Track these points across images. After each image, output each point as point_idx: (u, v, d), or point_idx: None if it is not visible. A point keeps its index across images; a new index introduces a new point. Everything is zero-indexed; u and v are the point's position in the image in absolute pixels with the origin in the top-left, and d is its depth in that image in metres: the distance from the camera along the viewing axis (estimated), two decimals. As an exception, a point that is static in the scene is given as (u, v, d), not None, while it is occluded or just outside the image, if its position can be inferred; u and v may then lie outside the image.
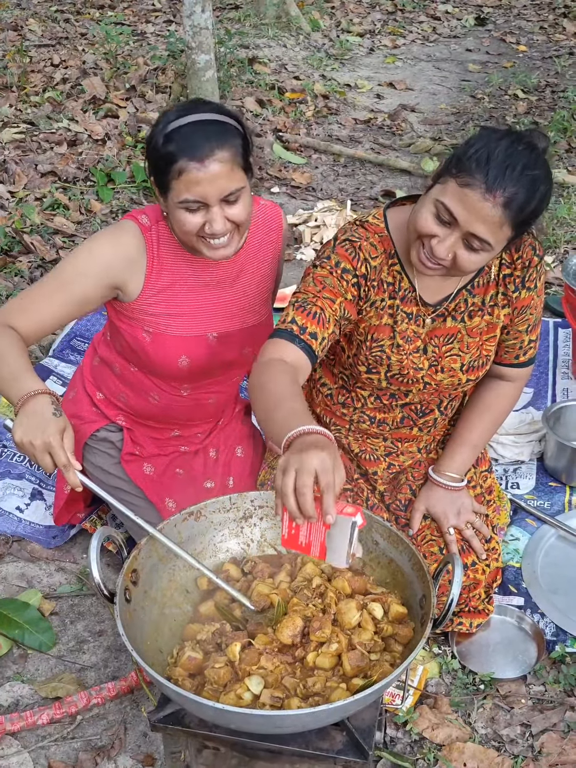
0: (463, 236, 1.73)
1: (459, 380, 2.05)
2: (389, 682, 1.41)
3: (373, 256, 1.92)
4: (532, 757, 1.91)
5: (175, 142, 1.78)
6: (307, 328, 1.81)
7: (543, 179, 1.72)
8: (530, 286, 1.99)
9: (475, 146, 1.69)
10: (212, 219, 1.82)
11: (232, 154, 1.79)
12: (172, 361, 2.04)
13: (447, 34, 7.71)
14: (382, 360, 2.00)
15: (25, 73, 5.65)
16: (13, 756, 1.92)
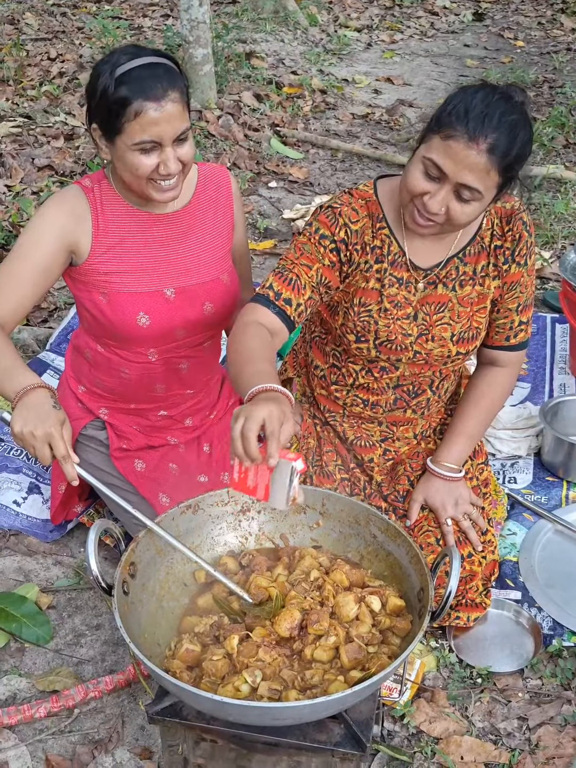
0: (453, 188, 1.78)
1: (449, 351, 2.05)
2: (387, 675, 1.42)
3: (354, 221, 1.97)
4: (528, 750, 1.91)
5: (128, 84, 1.81)
6: (282, 294, 1.91)
7: (522, 124, 1.77)
8: (520, 262, 2.02)
9: (452, 102, 1.77)
10: (167, 159, 1.86)
11: (181, 94, 1.86)
12: (131, 319, 2.03)
13: (445, 29, 7.70)
14: (370, 326, 2.02)
15: (21, 66, 5.64)
16: (11, 749, 1.91)
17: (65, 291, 3.64)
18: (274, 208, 4.48)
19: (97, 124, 1.90)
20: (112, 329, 2.07)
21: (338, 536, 1.82)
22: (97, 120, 1.89)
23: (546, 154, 5.09)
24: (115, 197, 2.03)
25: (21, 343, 3.23)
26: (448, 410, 2.28)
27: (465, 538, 2.11)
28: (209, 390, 2.33)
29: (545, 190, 4.60)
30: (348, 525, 1.80)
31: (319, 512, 1.84)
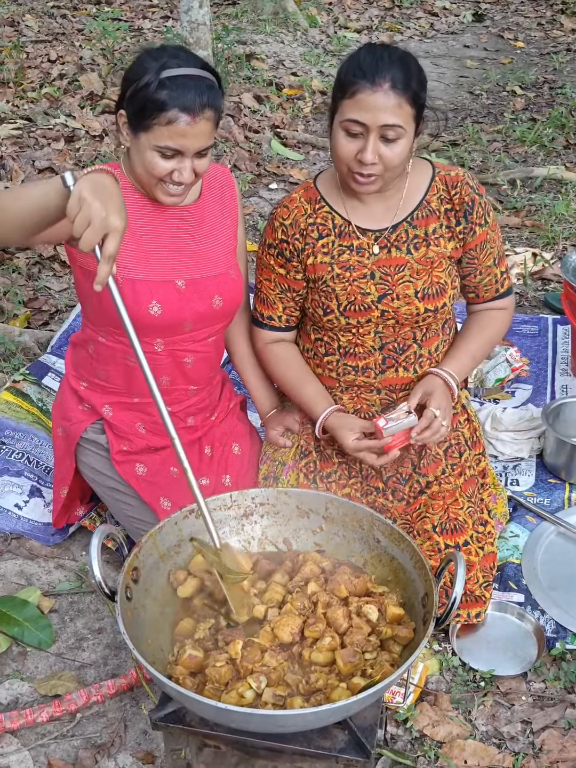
0: (378, 134, 1.92)
1: (417, 309, 2.12)
2: (391, 682, 1.41)
3: (285, 217, 2.15)
4: (532, 754, 1.91)
5: (170, 90, 1.85)
6: (264, 312, 2.25)
7: (407, 56, 1.98)
8: (481, 222, 2.13)
9: (344, 67, 1.96)
10: (184, 168, 1.92)
11: (215, 115, 1.92)
12: (143, 306, 2.03)
13: (444, 30, 7.70)
14: (329, 294, 2.13)
15: (21, 69, 5.63)
16: (13, 754, 1.91)
17: (66, 294, 3.64)
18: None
19: (126, 113, 1.92)
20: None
21: (341, 540, 1.82)
22: (127, 109, 1.91)
23: (546, 155, 5.09)
24: (128, 187, 2.04)
25: (22, 346, 3.23)
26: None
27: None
28: (211, 389, 2.33)
29: (546, 191, 4.60)
30: (351, 529, 1.80)
31: (322, 516, 1.83)
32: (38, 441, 2.72)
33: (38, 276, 3.77)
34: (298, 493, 1.86)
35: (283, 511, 1.85)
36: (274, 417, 2.36)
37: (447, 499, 2.16)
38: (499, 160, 5.00)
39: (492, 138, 5.35)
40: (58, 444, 2.31)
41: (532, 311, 3.59)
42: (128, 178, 2.05)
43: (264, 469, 2.31)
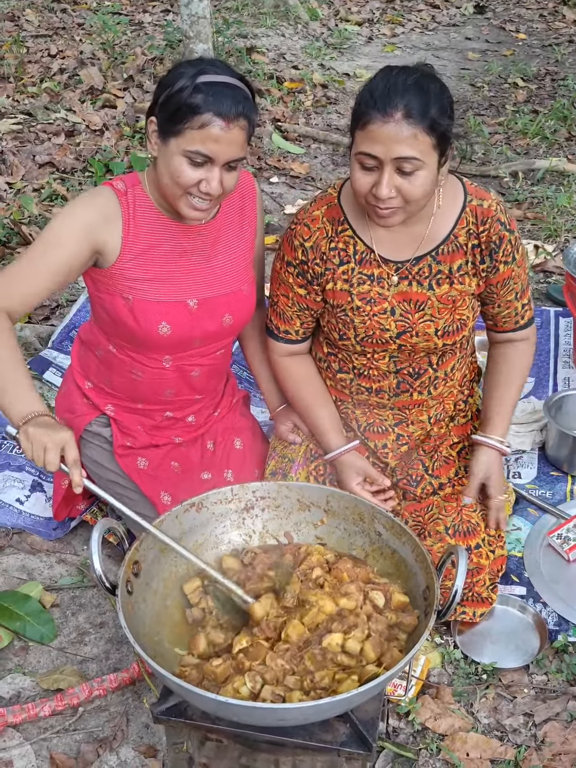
0: (393, 167, 1.79)
1: (435, 344, 2.07)
2: (393, 674, 1.41)
3: (306, 237, 2.04)
4: (534, 746, 1.90)
5: (205, 94, 1.80)
6: (280, 327, 2.17)
7: (428, 80, 1.80)
8: (507, 260, 2.02)
9: (358, 98, 1.82)
10: (212, 178, 1.85)
11: (249, 126, 1.87)
12: (152, 327, 2.02)
13: (446, 22, 7.67)
14: (347, 323, 2.07)
15: (22, 63, 5.62)
16: (15, 748, 1.91)
17: (67, 289, 3.63)
18: (275, 204, 4.47)
19: (157, 119, 1.88)
20: (132, 334, 2.05)
21: (343, 534, 1.81)
22: (159, 115, 1.87)
23: (548, 147, 5.07)
24: (148, 203, 1.99)
25: (23, 341, 3.23)
26: (462, 392, 2.27)
27: (481, 524, 2.12)
28: (216, 393, 2.33)
29: (548, 184, 4.59)
30: (352, 522, 1.80)
31: (323, 510, 1.83)
32: (40, 436, 2.72)
33: (39, 271, 3.76)
34: (299, 486, 1.86)
35: (284, 505, 1.84)
36: (283, 412, 2.35)
37: (460, 502, 2.15)
38: (501, 153, 4.99)
39: (494, 130, 5.33)
40: (61, 435, 2.31)
41: (535, 303, 3.55)
42: (148, 195, 1.99)
43: (272, 465, 2.29)
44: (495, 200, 2.00)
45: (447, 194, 1.99)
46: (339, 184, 2.08)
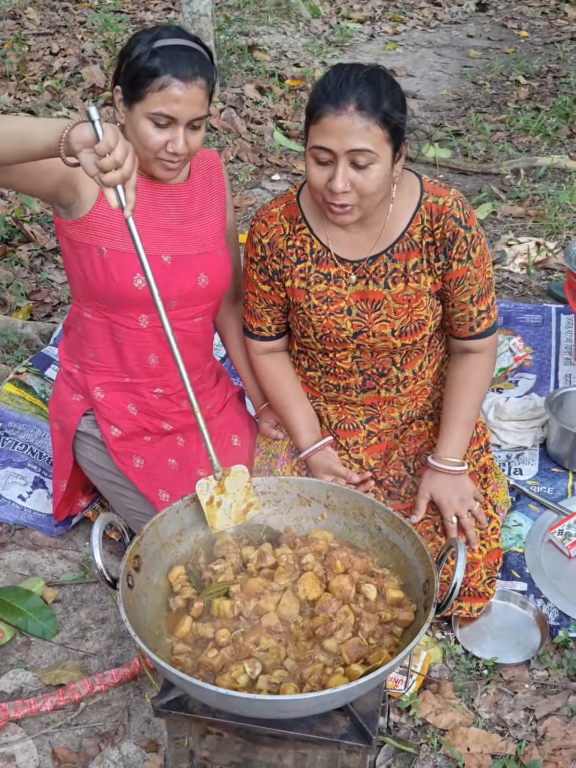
0: (347, 160, 1.80)
1: (393, 344, 2.07)
2: (392, 667, 1.41)
3: (263, 234, 2.07)
4: (535, 741, 1.91)
5: (162, 58, 1.87)
6: (253, 324, 2.21)
7: (378, 75, 1.82)
8: (461, 258, 1.99)
9: (312, 93, 1.85)
10: (177, 138, 1.92)
11: (208, 84, 1.94)
12: (128, 279, 2.04)
13: (448, 20, 7.66)
14: (306, 321, 2.09)
15: (23, 61, 5.63)
16: (17, 743, 1.92)
17: (68, 286, 3.63)
18: (277, 201, 4.47)
19: (121, 87, 1.95)
20: (106, 289, 2.06)
21: (343, 528, 1.81)
22: (122, 83, 1.94)
23: (550, 144, 5.07)
24: None
25: (25, 338, 3.24)
26: (438, 389, 2.26)
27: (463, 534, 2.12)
28: (203, 374, 2.32)
29: (549, 181, 4.59)
30: (353, 517, 1.80)
31: (323, 504, 1.83)
32: (41, 432, 2.73)
33: (40, 268, 3.77)
34: (299, 481, 1.86)
35: (285, 500, 1.85)
36: (267, 409, 2.37)
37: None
38: (503, 150, 4.98)
39: (496, 128, 5.33)
40: (56, 438, 2.32)
41: (536, 301, 3.57)
42: None
43: (257, 461, 2.30)
44: (453, 197, 1.97)
45: (403, 191, 1.98)
46: (300, 183, 2.10)
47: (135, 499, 2.20)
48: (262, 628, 1.57)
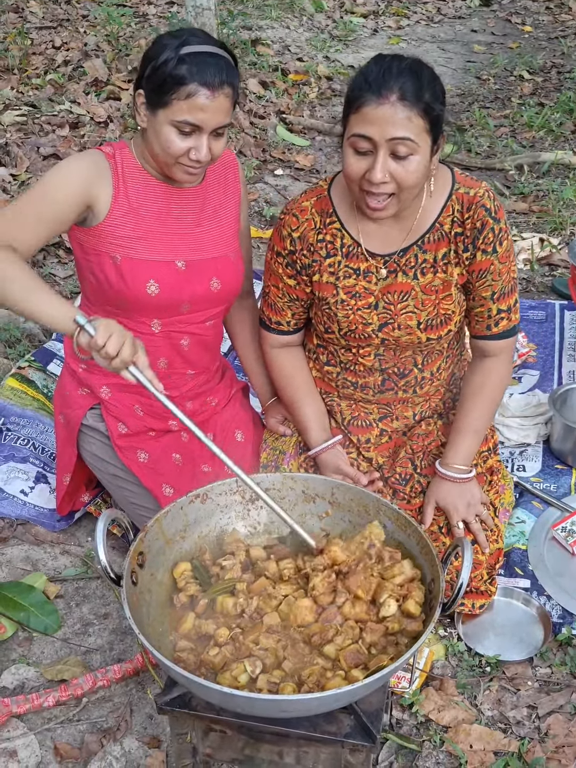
0: (387, 151, 1.78)
1: (418, 338, 2.05)
2: (397, 667, 1.41)
3: (294, 228, 2.04)
4: (538, 739, 1.91)
5: (189, 65, 1.86)
6: (272, 317, 2.19)
7: (420, 65, 1.82)
8: (486, 249, 1.97)
9: (352, 82, 1.83)
10: (200, 146, 1.92)
11: (234, 93, 1.93)
12: (141, 286, 2.04)
13: (452, 14, 7.63)
14: (331, 317, 2.07)
15: (26, 55, 5.60)
16: (19, 738, 1.92)
17: (71, 280, 3.63)
18: (280, 196, 4.46)
19: (144, 92, 1.93)
20: (119, 295, 2.06)
21: (348, 526, 1.81)
22: (146, 87, 1.93)
23: (554, 140, 5.06)
24: (135, 166, 2.05)
25: (27, 333, 3.23)
26: (451, 390, 2.26)
27: (472, 537, 2.11)
28: (210, 375, 2.32)
29: (553, 176, 4.57)
30: (357, 514, 1.80)
31: (328, 502, 1.83)
32: (44, 427, 2.72)
33: (43, 263, 3.76)
34: (304, 478, 1.85)
35: (289, 497, 1.84)
36: (274, 405, 2.36)
37: None
38: (507, 146, 4.97)
39: (499, 123, 5.31)
40: (60, 432, 2.31)
41: (539, 297, 3.56)
42: (136, 158, 2.05)
43: (264, 457, 2.30)
44: (484, 188, 1.98)
45: (436, 182, 1.98)
46: (330, 177, 2.09)
47: (138, 494, 2.20)
48: (262, 628, 1.56)
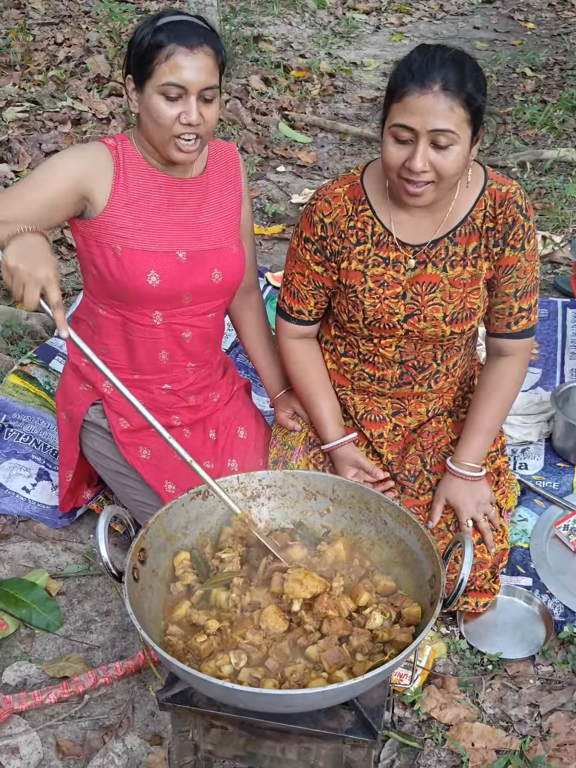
0: (428, 140, 1.79)
1: (443, 331, 2.05)
2: (398, 663, 1.40)
3: (326, 213, 2.03)
4: (539, 737, 1.90)
5: (166, 31, 1.89)
6: (293, 306, 2.16)
7: (463, 56, 1.83)
8: (515, 246, 1.98)
9: (395, 71, 1.84)
10: (189, 109, 1.90)
11: (216, 53, 1.93)
12: (142, 277, 2.04)
13: (454, 11, 7.62)
14: (357, 306, 2.06)
15: (28, 51, 5.60)
16: (22, 735, 1.92)
17: (73, 277, 3.63)
18: (282, 193, 4.45)
19: (131, 74, 1.95)
20: (121, 286, 2.06)
21: (349, 522, 1.81)
22: (132, 68, 1.95)
23: (557, 137, 5.05)
24: (136, 157, 2.05)
25: (29, 330, 3.23)
26: (462, 389, 2.26)
27: (480, 535, 2.11)
28: (211, 369, 2.31)
29: (556, 174, 4.56)
30: (358, 511, 1.79)
31: (329, 498, 1.82)
32: (46, 424, 2.72)
33: (45, 259, 3.76)
34: (305, 475, 1.85)
35: (290, 494, 1.84)
36: (283, 398, 2.35)
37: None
38: (509, 143, 4.96)
39: (502, 120, 5.30)
40: (63, 428, 2.31)
41: (542, 294, 3.55)
42: (137, 149, 2.06)
43: (273, 453, 2.29)
44: (516, 186, 2.00)
45: (470, 177, 1.98)
46: (362, 165, 2.09)
47: (141, 490, 2.19)
48: (251, 623, 1.56)
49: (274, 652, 1.52)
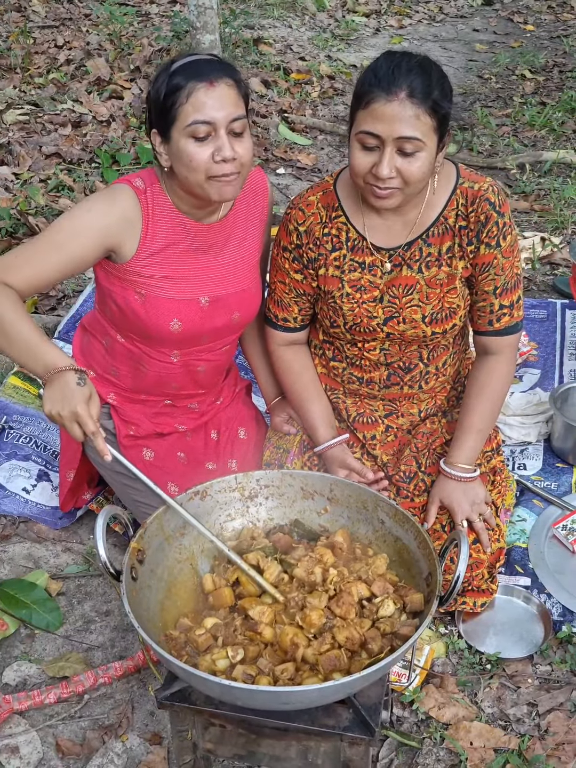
0: (394, 147, 1.80)
1: (423, 332, 2.05)
2: (395, 659, 1.41)
3: (300, 222, 2.06)
4: (538, 736, 1.91)
5: (182, 73, 1.82)
6: (279, 314, 2.18)
7: (430, 63, 1.83)
8: (490, 243, 1.97)
9: (361, 78, 1.83)
10: (221, 145, 1.83)
11: (237, 84, 1.87)
12: (164, 323, 2.03)
13: (454, 13, 7.63)
14: (336, 311, 2.07)
15: (28, 54, 5.62)
16: (21, 735, 1.92)
17: (73, 279, 3.63)
18: (282, 195, 4.46)
19: (156, 127, 1.89)
20: (142, 328, 2.05)
21: (346, 522, 1.82)
22: (155, 121, 1.88)
23: (556, 139, 5.06)
24: (165, 202, 1.99)
25: (29, 331, 3.23)
26: (456, 388, 2.27)
27: (475, 535, 2.11)
28: (217, 387, 2.34)
29: (555, 175, 4.57)
30: (356, 510, 1.80)
31: (327, 498, 1.83)
32: (46, 425, 2.73)
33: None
34: (302, 475, 1.86)
35: (288, 493, 1.85)
36: (279, 404, 2.36)
37: None
38: (509, 145, 4.97)
39: (501, 122, 5.31)
40: (65, 428, 2.32)
41: (541, 296, 3.57)
42: (166, 194, 1.99)
43: (267, 455, 2.30)
44: (489, 183, 1.98)
45: (440, 179, 1.99)
46: (336, 172, 2.09)
47: (143, 491, 2.19)
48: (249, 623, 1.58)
49: (267, 653, 1.53)
